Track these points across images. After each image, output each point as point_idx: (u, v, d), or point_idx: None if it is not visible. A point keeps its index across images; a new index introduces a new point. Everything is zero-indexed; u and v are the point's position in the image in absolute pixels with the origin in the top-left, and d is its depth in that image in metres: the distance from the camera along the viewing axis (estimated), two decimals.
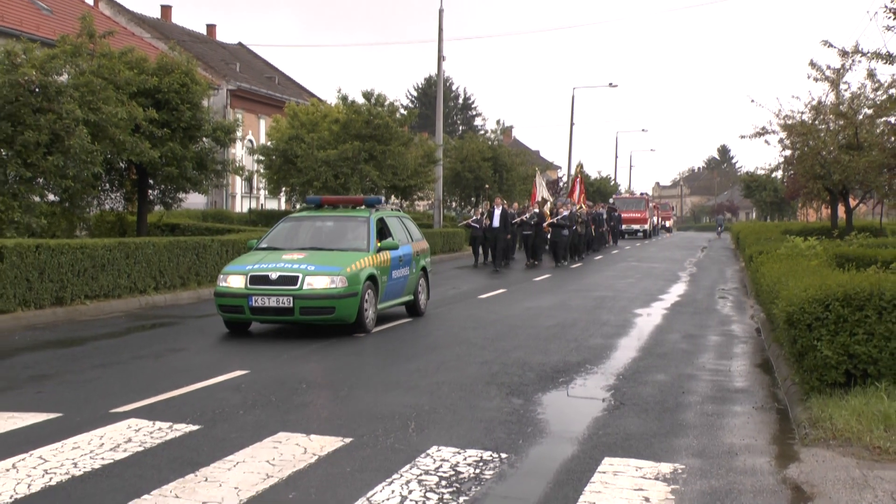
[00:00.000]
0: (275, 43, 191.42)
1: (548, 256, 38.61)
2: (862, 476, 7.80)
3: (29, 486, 7.46)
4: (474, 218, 37.02)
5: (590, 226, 45.10)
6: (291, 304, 15.38)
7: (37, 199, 21.51)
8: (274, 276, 15.58)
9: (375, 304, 16.83)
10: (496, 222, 34.31)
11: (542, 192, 44.31)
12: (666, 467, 8.23)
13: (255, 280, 15.65)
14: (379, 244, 17.42)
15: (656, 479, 7.88)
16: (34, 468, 7.92)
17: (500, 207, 35.03)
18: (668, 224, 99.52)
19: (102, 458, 8.24)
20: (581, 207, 45.79)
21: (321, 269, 15.86)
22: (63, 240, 20.04)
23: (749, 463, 8.52)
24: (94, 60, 23.51)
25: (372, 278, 16.58)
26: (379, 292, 17.00)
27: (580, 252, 41.72)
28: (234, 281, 15.87)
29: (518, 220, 37.19)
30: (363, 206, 18.99)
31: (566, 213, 37.48)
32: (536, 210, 38.81)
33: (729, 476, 8.07)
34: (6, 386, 11.53)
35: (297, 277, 15.52)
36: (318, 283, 15.55)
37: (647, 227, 74.64)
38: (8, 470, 7.84)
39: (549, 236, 37.52)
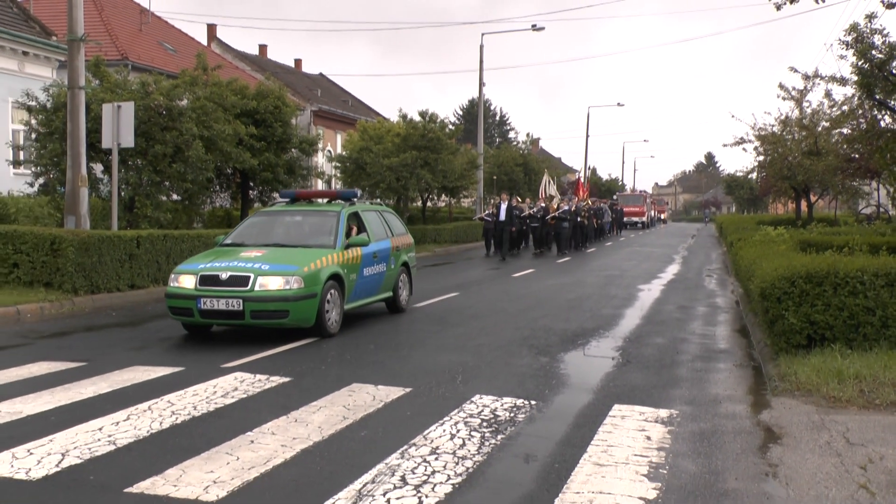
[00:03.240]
0: (349, 73, 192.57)
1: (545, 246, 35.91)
2: (820, 420, 7.78)
3: (161, 423, 7.59)
4: (487, 212, 34.30)
5: (592, 219, 42.78)
6: (241, 307, 11.80)
7: (164, 198, 21.76)
8: (224, 276, 12.02)
9: (341, 304, 13.00)
10: (502, 216, 31.85)
11: (550, 190, 43.14)
12: (664, 412, 8.21)
13: (205, 280, 12.11)
14: (347, 240, 13.57)
15: (656, 422, 7.86)
16: (164, 409, 8.05)
17: (506, 202, 32.67)
18: (662, 217, 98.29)
19: (216, 403, 8.35)
20: (586, 203, 43.74)
21: (276, 268, 12.19)
22: (184, 230, 20.25)
23: (730, 409, 8.48)
24: (207, 88, 23.69)
25: (336, 277, 12.83)
26: (346, 291, 13.20)
27: (583, 241, 38.83)
28: (185, 281, 12.29)
29: (527, 213, 35.10)
30: (338, 201, 15.27)
31: (566, 207, 35.33)
32: (543, 205, 36.66)
33: (714, 420, 8.03)
34: (142, 346, 11.68)
35: (249, 278, 11.93)
36: (271, 283, 11.95)
37: (644, 219, 73.74)
38: (145, 411, 7.98)
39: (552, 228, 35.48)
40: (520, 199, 37.77)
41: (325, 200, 15.39)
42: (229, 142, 22.51)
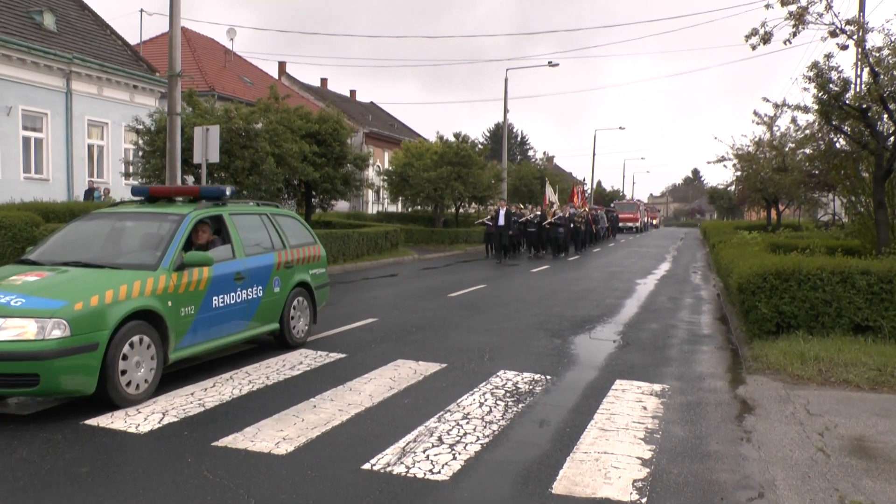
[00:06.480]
0: (395, 101, 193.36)
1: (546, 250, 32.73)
2: (786, 394, 7.74)
3: (240, 389, 7.67)
4: (488, 217, 30.93)
5: (590, 224, 40.28)
6: None
7: None
8: None
9: (160, 354, 7.42)
10: (501, 221, 29.22)
11: (550, 197, 41.97)
12: (657, 387, 8.19)
13: None
14: (184, 257, 7.95)
15: (651, 394, 7.84)
16: (242, 379, 8.12)
17: (504, 209, 29.46)
18: (654, 222, 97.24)
19: (285, 374, 8.42)
20: (584, 210, 40.73)
21: (33, 304, 6.68)
22: None
23: (712, 385, 8.44)
24: (278, 114, 23.81)
25: (146, 314, 7.32)
26: (173, 333, 7.62)
27: (579, 245, 35.95)
28: None
29: (524, 219, 32.04)
30: (203, 201, 9.18)
31: (561, 214, 32.96)
32: (539, 212, 33.90)
33: (699, 393, 8.00)
34: None
35: None
36: (12, 330, 6.45)
37: (638, 224, 72.89)
38: (227, 380, 8.06)
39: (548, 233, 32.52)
40: (521, 206, 36.77)
41: (189, 200, 9.52)
42: (296, 158, 22.61)
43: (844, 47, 12.89)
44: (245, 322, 9.00)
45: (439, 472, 5.43)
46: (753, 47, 12.93)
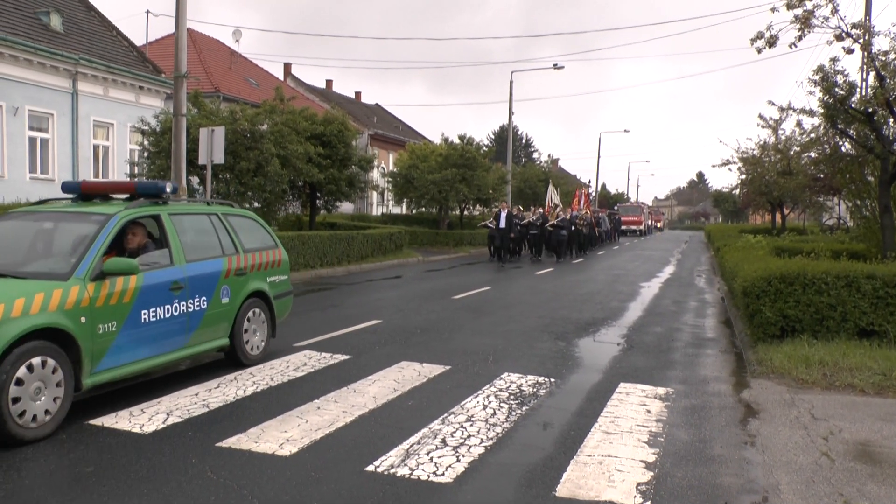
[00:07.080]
0: (400, 103, 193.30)
1: (548, 252, 32.65)
2: (790, 398, 7.73)
3: (244, 391, 7.67)
4: (490, 220, 30.47)
5: (592, 226, 40.03)
6: None
7: (247, 206, 21.93)
8: None
9: (67, 379, 6.21)
10: (502, 223, 28.56)
11: (554, 199, 41.71)
12: (661, 390, 8.18)
13: None
14: (104, 265, 6.69)
15: (655, 398, 7.83)
16: (247, 380, 8.13)
17: (506, 211, 29.16)
18: (659, 225, 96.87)
19: (289, 375, 8.41)
20: (586, 213, 40.00)
21: None
22: None
23: (716, 388, 8.43)
24: (283, 116, 23.85)
25: (50, 333, 6.12)
26: (88, 355, 6.43)
27: (584, 248, 36.06)
28: None
29: (526, 221, 31.20)
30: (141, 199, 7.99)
31: (563, 216, 32.47)
32: (541, 211, 33.54)
33: (703, 397, 7.98)
34: None
35: None
36: None
37: (642, 227, 72.52)
38: (231, 381, 8.05)
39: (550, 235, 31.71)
40: (521, 208, 36.59)
41: (125, 198, 8.28)
42: (301, 160, 22.63)
43: (850, 51, 12.89)
44: (184, 338, 7.81)
45: (443, 475, 5.43)
46: (759, 51, 12.94)
